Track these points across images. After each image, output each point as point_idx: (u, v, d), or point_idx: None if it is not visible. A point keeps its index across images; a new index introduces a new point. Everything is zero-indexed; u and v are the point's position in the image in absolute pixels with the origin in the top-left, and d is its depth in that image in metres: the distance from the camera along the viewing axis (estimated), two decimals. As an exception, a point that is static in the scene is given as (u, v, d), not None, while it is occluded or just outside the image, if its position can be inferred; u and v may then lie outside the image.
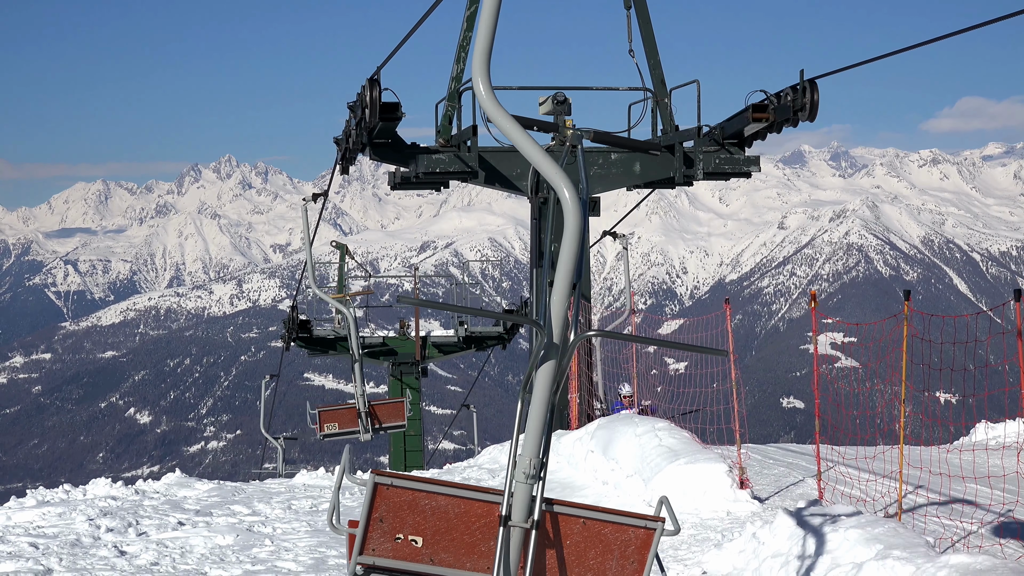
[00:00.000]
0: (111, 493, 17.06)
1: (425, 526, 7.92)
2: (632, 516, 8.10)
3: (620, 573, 8.06)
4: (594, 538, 8.10)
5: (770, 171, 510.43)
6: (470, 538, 7.97)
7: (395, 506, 7.88)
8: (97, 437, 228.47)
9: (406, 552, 7.89)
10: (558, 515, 8.05)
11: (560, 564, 8.00)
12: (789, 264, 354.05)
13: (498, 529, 7.86)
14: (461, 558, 7.95)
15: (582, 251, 8.03)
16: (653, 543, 8.10)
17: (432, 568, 7.92)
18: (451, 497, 8.00)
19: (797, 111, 21.33)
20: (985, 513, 13.45)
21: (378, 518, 7.87)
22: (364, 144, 21.88)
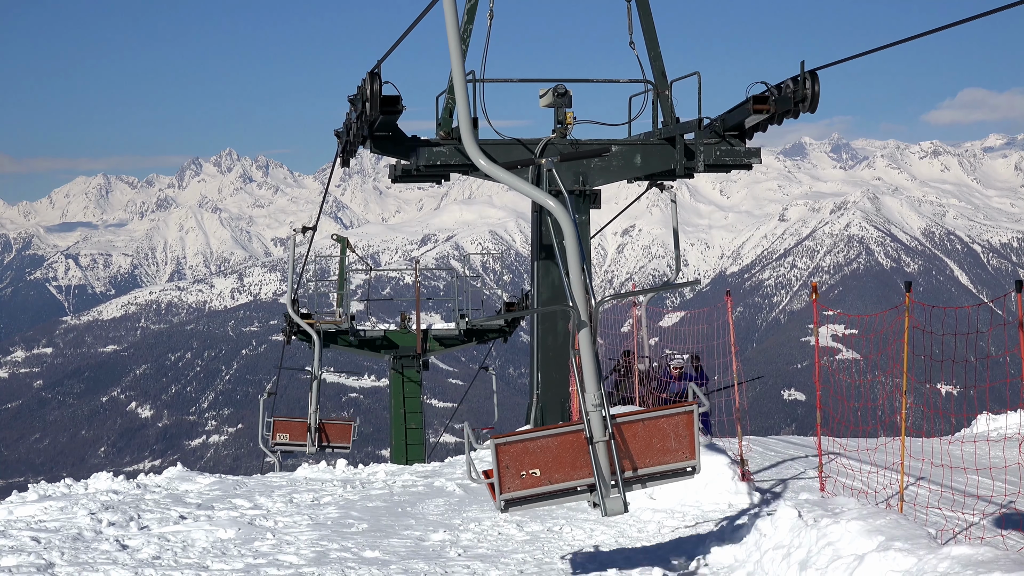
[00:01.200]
0: (112, 487, 17.07)
1: (538, 461, 11.70)
2: (674, 407, 12.03)
3: (679, 445, 11.88)
4: (654, 430, 11.89)
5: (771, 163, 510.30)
6: (571, 459, 11.67)
7: (513, 454, 11.71)
8: (98, 431, 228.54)
9: (531, 482, 11.67)
10: (623, 424, 11.77)
11: (639, 454, 11.79)
12: (790, 256, 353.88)
13: (588, 447, 11.55)
14: (569, 473, 11.68)
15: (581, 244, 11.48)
16: (695, 420, 11.91)
17: (552, 486, 11.68)
18: (549, 436, 11.78)
19: (798, 102, 21.30)
20: (987, 504, 13.46)
21: (504, 466, 11.68)
22: (365, 137, 21.84)
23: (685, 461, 12.10)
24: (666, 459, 12.07)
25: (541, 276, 23.01)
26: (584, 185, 22.94)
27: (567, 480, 11.72)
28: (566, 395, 22.66)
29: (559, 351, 22.73)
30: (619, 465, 11.60)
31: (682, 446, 11.94)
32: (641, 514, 14.50)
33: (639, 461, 11.83)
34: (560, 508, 15.28)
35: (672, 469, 12.09)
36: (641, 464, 11.87)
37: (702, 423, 23.32)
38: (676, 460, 12.11)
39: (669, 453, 11.94)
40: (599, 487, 11.61)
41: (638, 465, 11.85)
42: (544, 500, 11.79)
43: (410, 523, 14.43)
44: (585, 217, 23.11)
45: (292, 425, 34.15)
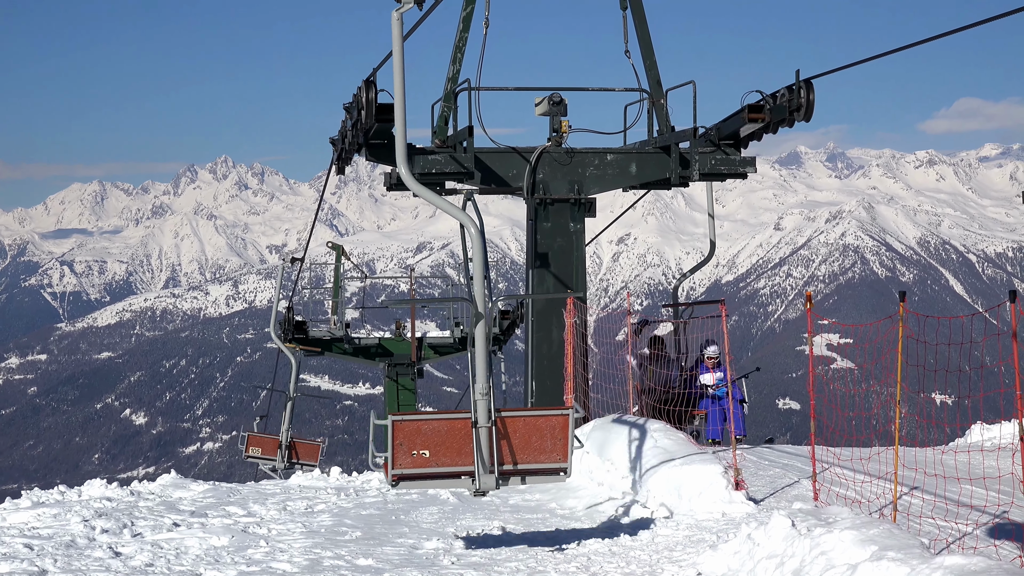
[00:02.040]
0: (106, 494, 17.07)
1: (428, 442, 12.84)
2: (553, 409, 13.32)
3: (553, 446, 13.07)
4: (533, 427, 13.08)
5: (766, 172, 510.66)
6: (458, 445, 12.86)
7: (407, 433, 12.81)
8: (92, 438, 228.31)
9: (420, 461, 12.82)
10: (506, 418, 13.05)
11: (516, 447, 12.99)
12: (785, 265, 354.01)
13: (472, 431, 12.82)
14: (455, 457, 12.85)
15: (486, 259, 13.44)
16: (570, 423, 13.12)
17: (439, 468, 12.86)
18: (441, 420, 13.09)
19: (793, 111, 21.35)
20: (980, 514, 13.46)
21: (399, 443, 12.77)
22: (360, 145, 21.88)
23: (557, 463, 13.16)
24: (541, 458, 13.14)
25: (536, 283, 23.03)
26: (579, 194, 22.99)
27: (453, 464, 12.91)
28: (561, 403, 22.66)
29: (553, 360, 22.73)
30: (498, 455, 12.89)
31: (556, 448, 13.09)
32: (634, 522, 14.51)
33: (517, 456, 12.98)
34: (554, 518, 15.29)
35: (545, 468, 13.19)
36: (518, 459, 13.02)
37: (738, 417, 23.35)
38: (549, 460, 13.16)
39: (544, 453, 13.07)
40: (476, 467, 12.82)
41: (516, 460, 13.01)
42: (431, 480, 13.10)
43: (404, 531, 14.42)
44: (580, 226, 23.16)
45: (264, 441, 35.91)
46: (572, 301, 22.37)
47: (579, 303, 22.55)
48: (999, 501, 14.15)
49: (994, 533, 12.52)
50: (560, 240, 22.95)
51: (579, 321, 22.39)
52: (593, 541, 13.64)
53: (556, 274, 22.92)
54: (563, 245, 22.97)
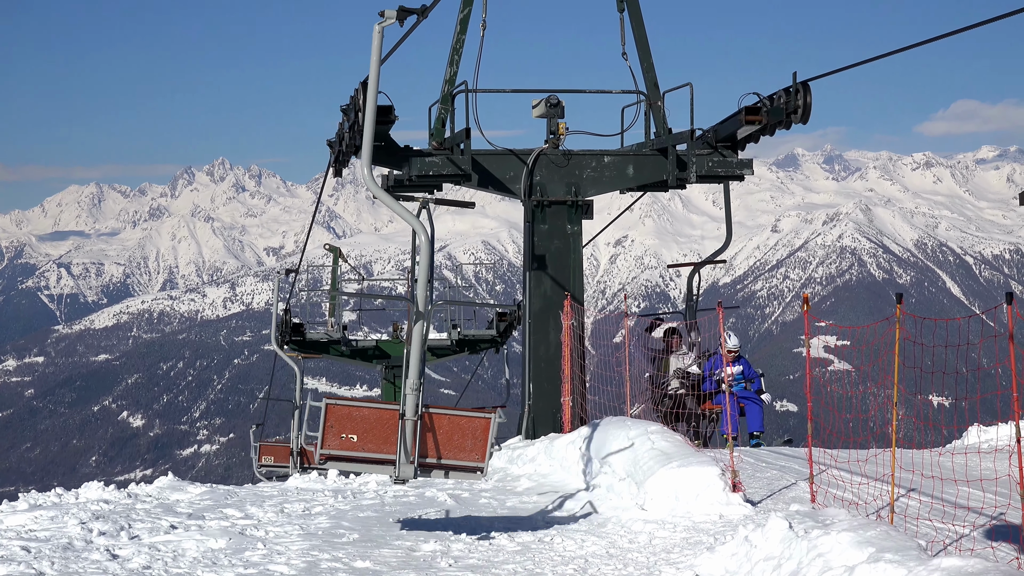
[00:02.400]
0: (103, 497, 17.05)
1: (357, 428, 13.85)
2: (478, 411, 14.40)
3: (473, 446, 14.01)
4: (457, 426, 14.05)
5: (763, 174, 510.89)
6: (384, 432, 13.85)
7: (338, 416, 13.87)
8: (90, 440, 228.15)
9: (348, 445, 13.83)
10: (433, 414, 14.01)
11: (439, 442, 13.97)
12: (782, 267, 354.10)
13: (398, 423, 13.73)
14: (380, 445, 13.85)
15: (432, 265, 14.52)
16: (492, 426, 14.06)
17: (364, 453, 13.87)
18: (371, 408, 14.16)
19: (790, 113, 21.37)
20: (977, 516, 13.47)
21: (329, 425, 13.79)
22: (357, 147, 21.88)
23: (475, 462, 14.15)
24: (461, 456, 14.12)
25: (533, 286, 23.04)
26: (576, 196, 23.01)
27: (378, 451, 13.95)
28: (558, 405, 22.67)
29: (551, 361, 22.74)
30: (422, 448, 13.89)
31: (476, 448, 14.11)
32: (632, 525, 14.51)
33: (440, 451, 14.02)
34: (551, 520, 15.29)
35: (464, 466, 14.16)
36: (441, 454, 14.06)
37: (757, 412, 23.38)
38: (469, 459, 14.14)
39: (464, 451, 14.08)
40: (399, 456, 13.85)
41: (439, 455, 14.05)
42: (356, 464, 14.20)
43: (401, 533, 14.42)
44: (577, 228, 23.17)
45: (276, 449, 36.67)
46: (569, 303, 22.38)
47: (576, 305, 22.56)
48: (996, 503, 14.16)
49: (991, 535, 12.53)
50: (557, 242, 22.96)
51: (576, 323, 22.41)
52: (590, 543, 13.64)
53: (553, 276, 22.93)
54: (560, 247, 22.98)
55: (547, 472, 19.22)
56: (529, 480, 18.88)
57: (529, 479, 18.96)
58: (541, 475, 19.16)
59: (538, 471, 19.48)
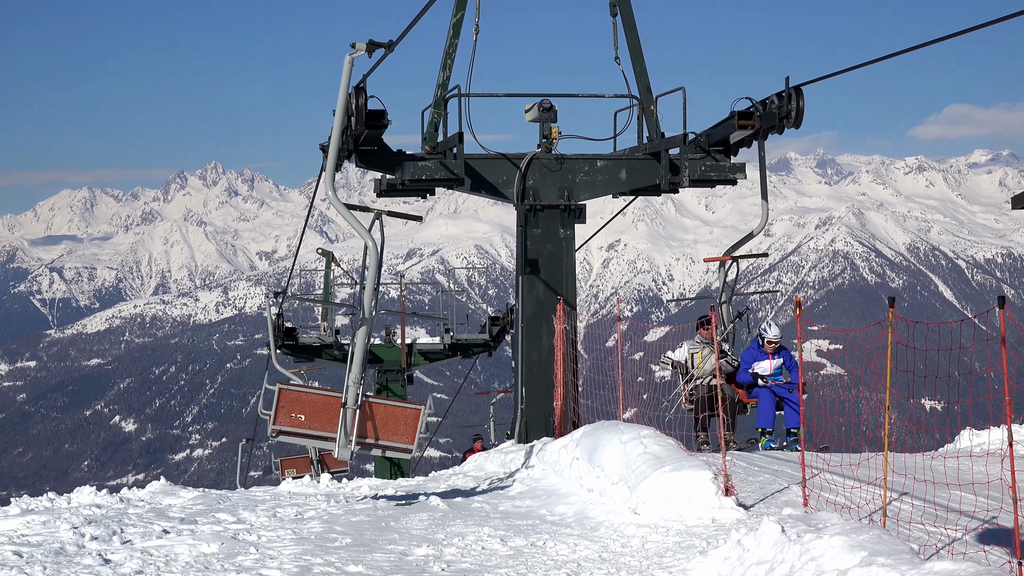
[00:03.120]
0: (96, 501, 17.02)
1: (305, 409, 17.18)
2: (410, 403, 17.93)
3: (405, 431, 17.40)
4: (391, 414, 17.48)
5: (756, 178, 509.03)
6: (329, 415, 17.12)
7: (290, 399, 17.20)
8: (82, 445, 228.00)
9: (297, 423, 17.18)
10: (372, 403, 17.39)
11: (376, 427, 17.27)
12: (775, 271, 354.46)
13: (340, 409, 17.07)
14: (324, 425, 17.14)
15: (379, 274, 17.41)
16: (421, 416, 17.45)
17: (310, 431, 17.28)
18: (318, 394, 17.62)
19: (783, 118, 21.38)
20: (969, 520, 13.48)
21: (282, 405, 17.13)
22: (350, 151, 21.88)
23: (406, 444, 17.52)
24: (394, 438, 17.40)
25: (525, 290, 23.04)
26: (569, 200, 23.01)
27: (322, 430, 17.22)
28: (550, 409, 22.67)
29: (543, 366, 22.75)
30: (361, 429, 17.12)
31: (407, 433, 17.44)
32: (625, 529, 14.51)
33: (377, 433, 17.30)
34: (544, 524, 15.29)
35: (396, 447, 17.55)
36: (378, 436, 17.33)
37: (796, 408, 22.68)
38: (401, 441, 17.47)
39: (397, 435, 17.40)
40: (339, 438, 17.10)
41: (376, 436, 17.33)
42: (303, 439, 17.87)
43: (393, 538, 14.41)
44: (570, 232, 23.18)
45: (296, 461, 39.80)
46: (562, 307, 22.38)
47: (569, 309, 22.56)
48: (988, 507, 14.17)
49: (983, 539, 12.53)
50: (550, 246, 22.96)
51: (569, 327, 22.41)
52: (583, 547, 13.64)
53: (546, 280, 22.93)
54: (553, 251, 22.98)
55: (540, 476, 19.21)
56: (522, 484, 18.87)
57: (522, 483, 18.95)
58: (534, 479, 19.15)
59: (531, 475, 19.47)
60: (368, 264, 17.35)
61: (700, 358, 22.55)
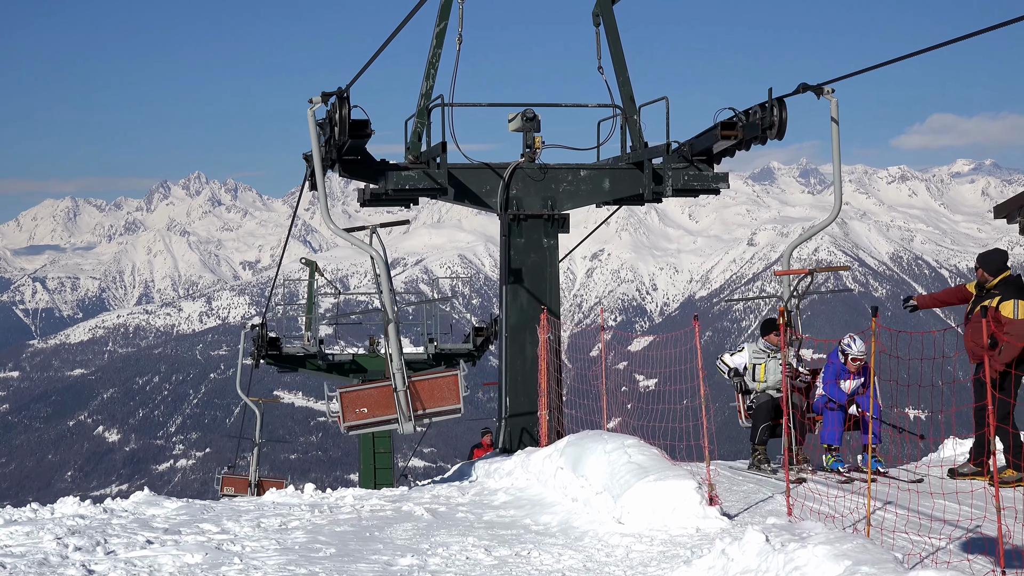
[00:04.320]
0: (79, 512, 16.97)
1: (366, 403, 20.69)
2: (447, 371, 21.30)
3: (451, 395, 20.81)
4: (435, 385, 20.91)
5: (739, 188, 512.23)
6: (386, 402, 20.62)
7: (351, 399, 20.72)
8: (65, 456, 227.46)
9: (362, 415, 20.67)
10: (415, 381, 20.71)
11: (425, 399, 20.70)
12: (759, 281, 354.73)
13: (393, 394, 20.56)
14: (385, 411, 20.65)
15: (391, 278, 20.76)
16: (460, 379, 20.89)
17: (374, 419, 20.77)
18: (372, 388, 21.03)
19: (765, 129, 21.39)
20: (953, 529, 13.50)
21: (347, 405, 20.62)
22: (333, 161, 21.86)
23: (455, 405, 20.87)
24: (443, 404, 20.82)
25: (509, 300, 23.04)
26: (553, 210, 23.02)
27: (383, 415, 20.76)
28: (535, 419, 22.67)
29: (527, 375, 22.74)
30: (412, 406, 20.59)
31: (452, 397, 20.89)
32: (609, 539, 14.50)
33: (426, 405, 20.81)
34: (528, 534, 15.29)
35: (446, 410, 20.91)
36: (427, 406, 20.83)
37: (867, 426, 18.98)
38: (449, 404, 20.87)
39: (445, 400, 20.87)
40: (400, 418, 20.64)
41: (425, 407, 20.82)
42: (371, 427, 21.30)
43: (378, 548, 14.39)
44: (554, 241, 23.18)
45: (237, 480, 42.01)
46: (546, 316, 22.38)
47: (553, 318, 22.56)
48: (972, 516, 14.20)
49: (967, 547, 12.56)
50: (534, 256, 22.97)
51: (553, 337, 22.41)
52: (567, 557, 13.63)
53: (530, 290, 22.94)
54: (537, 261, 22.99)
55: (524, 486, 19.19)
56: (506, 494, 18.85)
57: (506, 493, 18.93)
58: (518, 489, 19.14)
59: (515, 485, 19.46)
60: (379, 272, 20.52)
61: (763, 371, 19.77)
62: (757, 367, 19.82)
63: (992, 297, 17.30)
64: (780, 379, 18.54)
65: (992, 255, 17.64)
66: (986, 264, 17.47)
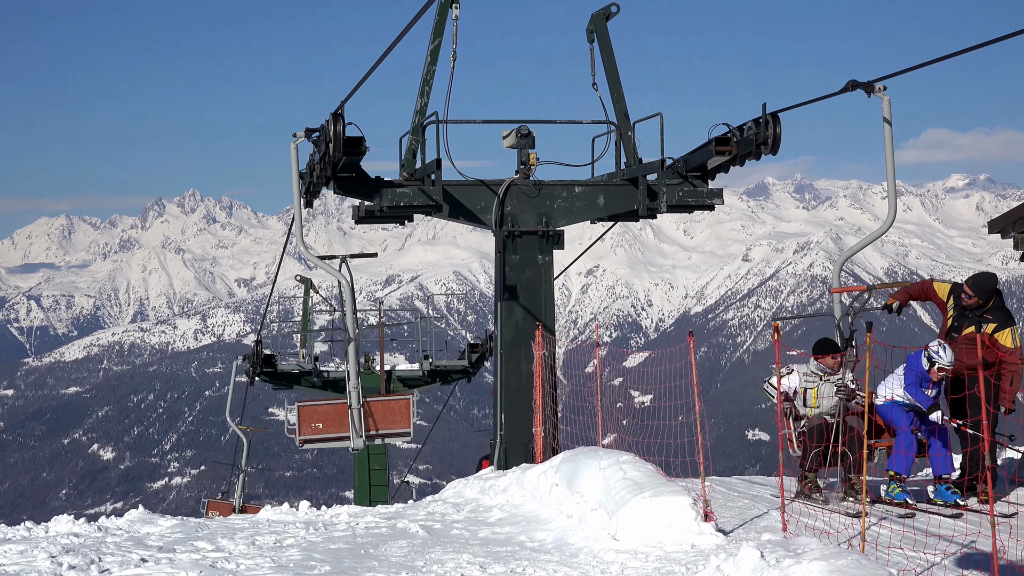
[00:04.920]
0: (73, 530, 16.94)
1: (322, 418, 22.57)
2: (400, 395, 24.03)
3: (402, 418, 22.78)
4: (389, 407, 22.79)
5: (734, 203, 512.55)
6: (340, 419, 22.36)
7: (308, 413, 22.70)
8: (60, 474, 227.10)
9: (318, 430, 22.52)
10: (371, 402, 22.45)
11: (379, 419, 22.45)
12: (754, 296, 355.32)
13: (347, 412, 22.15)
14: (339, 428, 22.35)
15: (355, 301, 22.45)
16: (412, 404, 22.95)
17: (328, 435, 22.62)
18: (328, 404, 22.90)
19: (760, 144, 21.39)
20: (948, 544, 13.50)
21: (303, 419, 22.56)
22: (328, 178, 21.86)
23: (405, 428, 22.82)
24: (393, 426, 22.66)
25: (504, 316, 23.01)
26: (547, 226, 23.00)
27: (337, 432, 22.50)
28: (530, 435, 22.63)
29: (522, 392, 22.71)
30: (366, 425, 22.19)
31: (403, 419, 22.90)
32: (604, 555, 14.48)
33: (378, 426, 22.55)
34: (523, 551, 15.27)
35: (396, 432, 22.83)
36: (379, 427, 22.55)
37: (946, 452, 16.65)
38: (399, 427, 22.82)
39: (396, 423, 22.78)
40: (352, 435, 22.10)
41: (377, 428, 22.54)
42: (325, 443, 23.26)
43: (373, 565, 14.37)
44: (548, 258, 23.16)
45: (221, 505, 42.64)
46: (541, 332, 22.38)
47: (548, 335, 22.55)
48: (967, 531, 14.20)
49: (962, 563, 12.56)
50: (528, 272, 22.95)
51: (548, 353, 22.39)
52: (562, 574, 13.62)
53: (525, 306, 22.92)
54: (531, 277, 22.97)
55: (519, 502, 19.17)
56: (501, 511, 18.83)
57: (501, 509, 18.92)
58: (513, 505, 19.12)
59: (510, 501, 19.44)
60: (345, 297, 22.40)
61: (815, 396, 17.98)
62: (808, 391, 18.01)
63: (985, 322, 17.49)
64: (834, 404, 17.54)
65: (986, 281, 17.86)
66: (981, 291, 17.71)
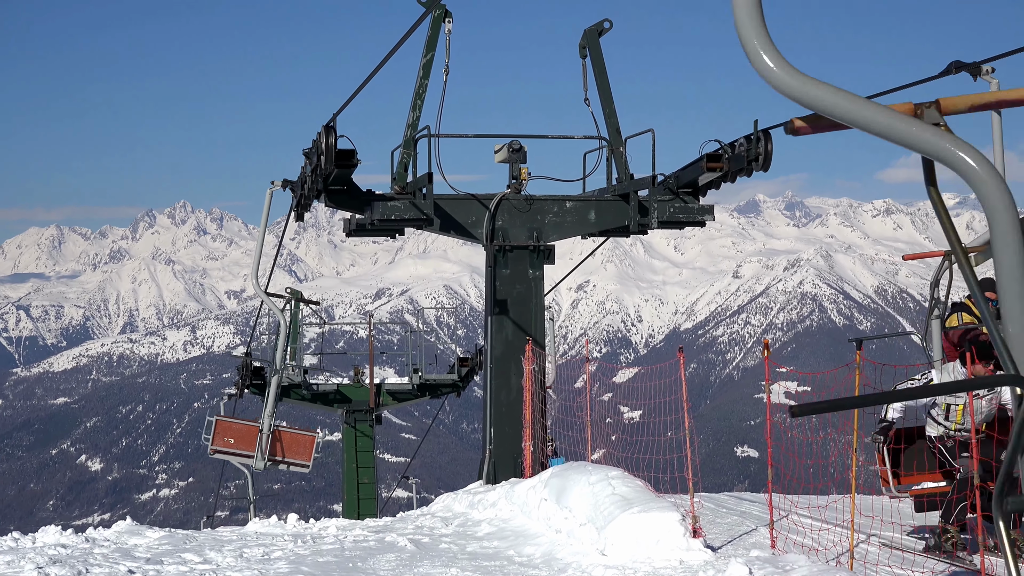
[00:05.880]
0: (61, 541, 16.91)
1: (234, 436, 28.72)
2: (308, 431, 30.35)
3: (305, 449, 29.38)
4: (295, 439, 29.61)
5: (725, 220, 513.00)
6: (250, 439, 28.43)
7: (223, 428, 29.01)
8: (47, 484, 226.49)
9: (229, 444, 28.56)
10: (281, 431, 29.09)
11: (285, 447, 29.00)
12: (744, 313, 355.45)
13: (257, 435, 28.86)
14: (247, 447, 28.47)
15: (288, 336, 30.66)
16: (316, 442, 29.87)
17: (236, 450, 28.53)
18: (242, 424, 29.22)
19: (751, 161, 21.42)
20: (936, 562, 13.50)
21: (218, 432, 28.79)
22: (319, 191, 21.89)
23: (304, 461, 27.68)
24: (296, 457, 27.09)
25: (494, 331, 23.03)
26: (538, 241, 23.03)
27: (244, 449, 26.97)
28: (519, 450, 22.64)
29: (512, 406, 22.72)
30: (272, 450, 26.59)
31: (305, 453, 28.17)
32: (592, 570, 14.47)
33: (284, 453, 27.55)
34: (512, 565, 15.27)
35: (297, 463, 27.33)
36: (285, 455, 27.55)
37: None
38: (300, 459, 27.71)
39: (298, 455, 27.81)
40: (256, 455, 26.91)
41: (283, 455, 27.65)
42: (231, 456, 27.48)
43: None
44: (539, 272, 23.18)
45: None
46: (531, 347, 22.38)
47: (538, 350, 22.56)
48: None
49: (950, 581, 12.56)
50: (519, 287, 22.97)
51: (538, 368, 22.41)
52: (551, 589, 13.61)
53: (515, 321, 22.94)
54: (522, 292, 23.00)
55: (508, 517, 19.16)
56: (490, 525, 18.83)
57: (490, 524, 18.91)
58: (502, 520, 19.11)
59: (499, 516, 19.43)
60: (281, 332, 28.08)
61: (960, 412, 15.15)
62: (953, 406, 15.25)
63: None
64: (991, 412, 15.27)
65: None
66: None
